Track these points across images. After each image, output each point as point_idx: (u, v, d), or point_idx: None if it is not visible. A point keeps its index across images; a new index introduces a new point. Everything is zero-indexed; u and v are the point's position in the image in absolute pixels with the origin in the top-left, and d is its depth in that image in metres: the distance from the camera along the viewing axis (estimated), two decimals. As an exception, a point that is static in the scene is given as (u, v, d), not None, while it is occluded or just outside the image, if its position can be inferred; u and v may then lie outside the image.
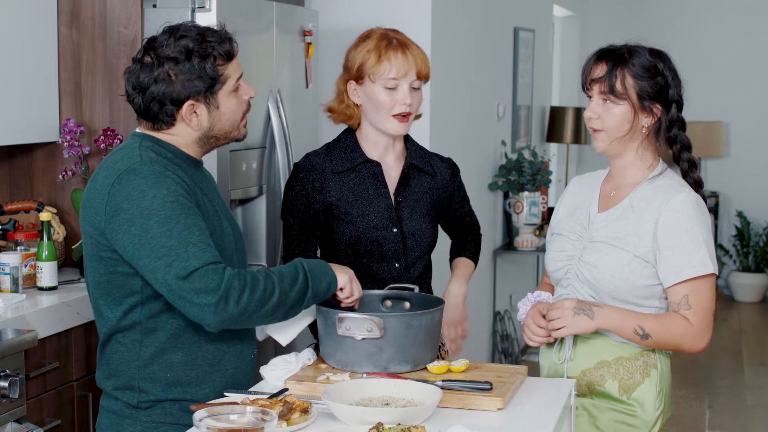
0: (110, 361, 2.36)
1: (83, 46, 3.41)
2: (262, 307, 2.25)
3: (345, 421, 2.10)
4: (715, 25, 8.91)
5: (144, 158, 2.27)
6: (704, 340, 2.52)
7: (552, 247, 2.71)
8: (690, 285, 2.48)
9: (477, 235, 3.13)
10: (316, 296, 2.37)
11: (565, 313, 2.51)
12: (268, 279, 2.27)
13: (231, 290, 2.20)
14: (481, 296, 5.82)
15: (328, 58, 4.09)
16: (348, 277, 2.45)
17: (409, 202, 2.88)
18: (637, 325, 2.49)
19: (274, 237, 3.64)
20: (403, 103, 2.76)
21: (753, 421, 5.62)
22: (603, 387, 2.56)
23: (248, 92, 2.42)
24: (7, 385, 2.65)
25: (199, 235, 2.22)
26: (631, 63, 2.52)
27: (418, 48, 2.81)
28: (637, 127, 2.54)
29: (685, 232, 2.48)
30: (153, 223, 2.19)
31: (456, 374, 2.42)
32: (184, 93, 2.31)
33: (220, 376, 2.37)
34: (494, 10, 5.87)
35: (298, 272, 2.34)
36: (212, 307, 2.18)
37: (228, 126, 2.39)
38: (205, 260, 2.19)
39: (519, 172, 5.96)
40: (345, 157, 2.85)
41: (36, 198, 3.47)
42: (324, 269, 2.40)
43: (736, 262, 8.90)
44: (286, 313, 2.33)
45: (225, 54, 2.33)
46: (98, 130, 3.38)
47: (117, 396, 2.35)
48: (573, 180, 2.83)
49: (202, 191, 2.36)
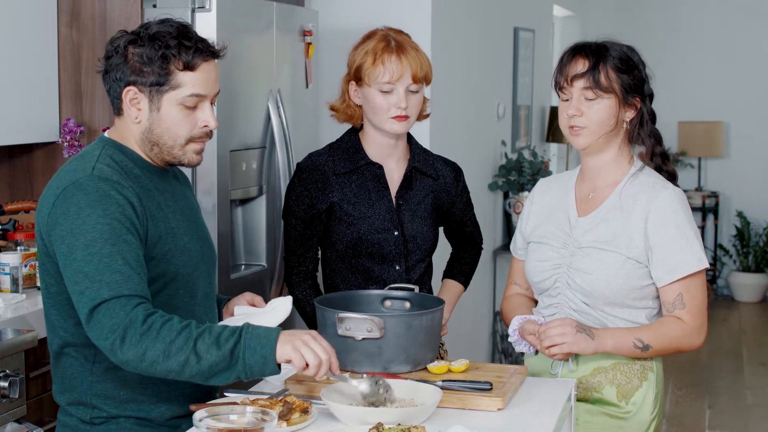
0: (63, 375, 2.26)
1: (83, 46, 3.41)
2: (165, 359, 2.03)
3: (345, 421, 2.10)
4: (715, 25, 8.90)
5: (95, 172, 2.15)
6: (701, 336, 2.51)
7: (533, 257, 2.64)
8: (684, 283, 2.48)
9: (477, 250, 3.12)
10: (249, 367, 2.06)
11: (567, 330, 2.47)
12: (183, 333, 2.04)
13: (129, 330, 2.03)
14: (481, 296, 5.82)
15: (328, 58, 4.09)
16: (292, 346, 2.07)
17: (411, 205, 2.88)
18: (635, 338, 2.48)
19: (274, 237, 3.64)
20: (397, 107, 2.75)
21: (753, 421, 5.62)
22: (601, 393, 2.54)
23: (205, 119, 2.23)
24: (7, 385, 2.65)
25: (122, 264, 2.07)
26: (610, 56, 2.50)
27: (416, 51, 2.78)
28: (620, 122, 2.53)
29: (676, 228, 2.48)
30: (79, 245, 2.08)
31: (456, 374, 2.42)
32: (132, 76, 2.19)
33: (177, 395, 2.27)
34: (494, 10, 5.87)
35: (230, 338, 2.06)
36: (108, 344, 2.04)
37: (168, 139, 2.22)
38: (118, 292, 2.05)
39: (519, 172, 5.96)
40: (347, 158, 2.85)
41: (36, 198, 3.47)
42: (265, 340, 2.07)
43: (736, 262, 8.90)
44: (208, 376, 2.06)
45: (185, 62, 2.19)
46: (98, 130, 3.38)
47: (71, 411, 2.26)
48: (538, 183, 2.77)
49: (160, 206, 2.24)
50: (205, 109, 2.24)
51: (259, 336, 2.07)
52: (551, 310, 2.61)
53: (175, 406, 2.27)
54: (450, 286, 3.06)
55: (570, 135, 2.54)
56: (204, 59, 2.21)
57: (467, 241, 3.10)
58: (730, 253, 8.96)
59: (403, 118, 2.77)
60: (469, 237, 3.10)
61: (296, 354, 2.08)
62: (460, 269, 3.09)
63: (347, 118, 2.87)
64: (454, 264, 3.10)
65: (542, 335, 2.51)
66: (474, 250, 3.11)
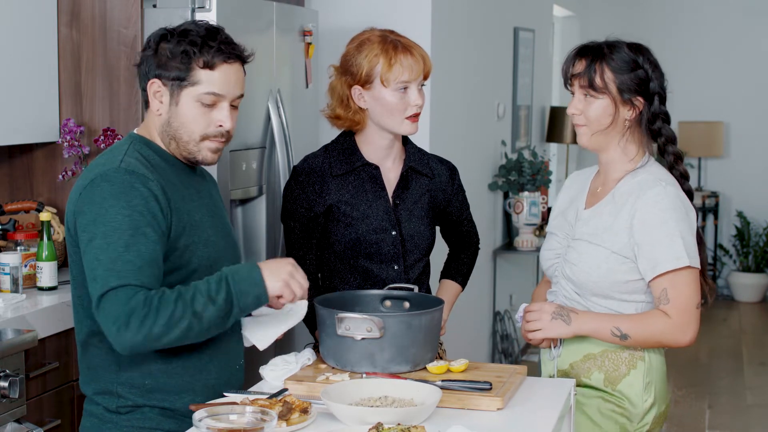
0: (90, 365, 2.32)
1: (83, 46, 3.41)
2: (169, 331, 2.12)
3: (345, 421, 2.10)
4: (715, 25, 8.90)
5: (123, 164, 2.22)
6: (687, 334, 2.51)
7: (545, 245, 2.76)
8: (668, 278, 2.50)
9: (474, 250, 3.13)
10: (243, 311, 2.22)
11: (543, 316, 2.58)
12: (179, 301, 2.14)
13: (133, 317, 2.10)
14: (481, 296, 5.83)
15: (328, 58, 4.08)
16: (283, 282, 2.24)
17: (408, 204, 2.88)
18: (613, 326, 2.52)
19: (274, 237, 3.65)
20: (414, 105, 2.77)
21: (753, 421, 5.62)
22: (589, 379, 2.59)
23: (221, 119, 2.31)
24: (7, 385, 2.65)
25: (135, 256, 2.13)
26: (610, 57, 2.55)
27: (419, 47, 2.81)
28: (618, 120, 2.57)
29: (659, 226, 2.50)
30: (98, 233, 2.15)
31: (455, 374, 2.42)
32: (158, 69, 2.29)
33: (201, 386, 2.32)
34: (494, 10, 5.87)
35: (219, 289, 2.17)
36: (114, 331, 2.11)
37: (184, 134, 2.30)
38: (125, 281, 2.11)
39: (519, 172, 5.96)
40: (343, 159, 2.85)
41: (36, 198, 3.47)
42: (252, 280, 2.21)
43: (736, 262, 8.90)
44: (207, 331, 2.19)
45: (205, 60, 2.26)
46: (98, 130, 3.38)
47: (97, 401, 2.31)
48: (569, 176, 2.86)
49: (184, 199, 2.30)
50: (223, 110, 2.31)
51: (245, 279, 2.20)
52: (551, 297, 2.70)
53: (199, 397, 2.32)
54: (448, 287, 3.07)
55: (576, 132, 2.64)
56: (225, 60, 2.29)
57: (464, 241, 3.11)
58: (730, 253, 8.96)
59: (416, 118, 2.79)
60: (466, 236, 3.10)
61: (287, 289, 2.24)
62: (458, 269, 3.09)
63: (352, 124, 2.84)
64: (452, 264, 3.11)
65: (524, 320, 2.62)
66: (471, 250, 3.12)
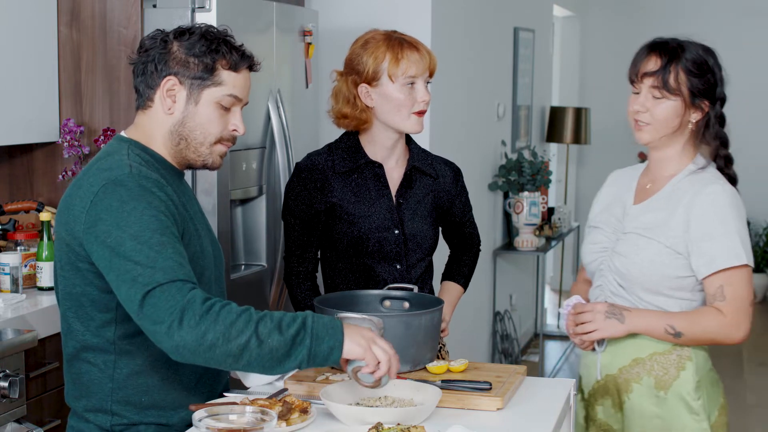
0: (80, 380, 2.22)
1: (83, 46, 3.42)
2: (225, 342, 1.98)
3: (344, 421, 2.11)
4: (715, 25, 8.90)
5: (134, 171, 2.14)
6: (741, 331, 2.51)
7: (587, 240, 2.74)
8: (724, 276, 2.50)
9: (475, 252, 3.13)
10: (310, 358, 2.04)
11: (596, 316, 2.56)
12: (244, 315, 2.01)
13: (187, 311, 1.98)
14: (481, 296, 5.83)
15: (328, 58, 4.09)
16: (363, 346, 2.07)
17: (411, 203, 2.88)
18: (667, 324, 2.51)
19: (274, 237, 3.65)
20: (422, 100, 2.78)
21: (753, 421, 5.62)
22: (640, 383, 2.58)
23: (236, 124, 2.27)
24: (7, 385, 2.65)
25: (173, 252, 2.05)
26: (684, 58, 2.53)
27: (424, 45, 2.82)
28: (685, 122, 2.56)
29: (719, 223, 2.51)
30: (127, 237, 2.04)
31: (455, 374, 2.42)
32: (175, 67, 2.21)
33: (196, 399, 2.27)
34: (494, 10, 5.88)
35: (293, 323, 2.04)
36: (165, 327, 1.98)
37: (199, 134, 2.24)
38: (173, 276, 2.02)
39: (519, 172, 5.97)
40: (347, 157, 2.85)
41: (36, 198, 3.47)
42: (333, 330, 2.06)
43: (736, 262, 8.89)
44: (261, 361, 2.02)
45: (231, 62, 2.23)
46: (98, 130, 3.39)
47: (88, 418, 2.23)
48: (612, 174, 2.85)
49: (185, 207, 2.24)
50: (237, 114, 2.28)
51: (326, 326, 2.06)
52: (596, 292, 2.68)
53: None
54: (450, 288, 3.07)
55: (634, 128, 2.60)
56: (246, 65, 2.28)
57: (466, 242, 3.11)
58: (730, 253, 8.95)
59: (423, 114, 2.80)
60: (468, 238, 3.10)
61: (369, 354, 2.08)
62: (459, 271, 3.09)
63: (359, 123, 2.82)
64: (453, 266, 3.11)
65: (576, 321, 2.60)
66: (472, 252, 3.12)
